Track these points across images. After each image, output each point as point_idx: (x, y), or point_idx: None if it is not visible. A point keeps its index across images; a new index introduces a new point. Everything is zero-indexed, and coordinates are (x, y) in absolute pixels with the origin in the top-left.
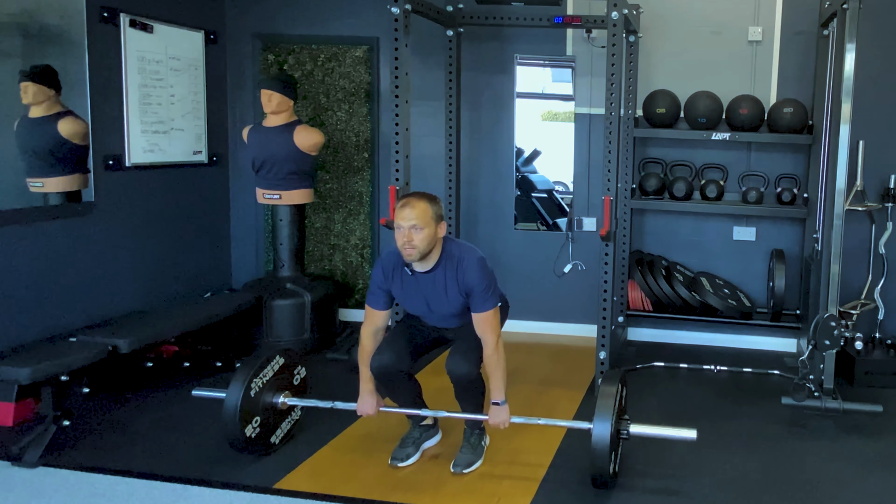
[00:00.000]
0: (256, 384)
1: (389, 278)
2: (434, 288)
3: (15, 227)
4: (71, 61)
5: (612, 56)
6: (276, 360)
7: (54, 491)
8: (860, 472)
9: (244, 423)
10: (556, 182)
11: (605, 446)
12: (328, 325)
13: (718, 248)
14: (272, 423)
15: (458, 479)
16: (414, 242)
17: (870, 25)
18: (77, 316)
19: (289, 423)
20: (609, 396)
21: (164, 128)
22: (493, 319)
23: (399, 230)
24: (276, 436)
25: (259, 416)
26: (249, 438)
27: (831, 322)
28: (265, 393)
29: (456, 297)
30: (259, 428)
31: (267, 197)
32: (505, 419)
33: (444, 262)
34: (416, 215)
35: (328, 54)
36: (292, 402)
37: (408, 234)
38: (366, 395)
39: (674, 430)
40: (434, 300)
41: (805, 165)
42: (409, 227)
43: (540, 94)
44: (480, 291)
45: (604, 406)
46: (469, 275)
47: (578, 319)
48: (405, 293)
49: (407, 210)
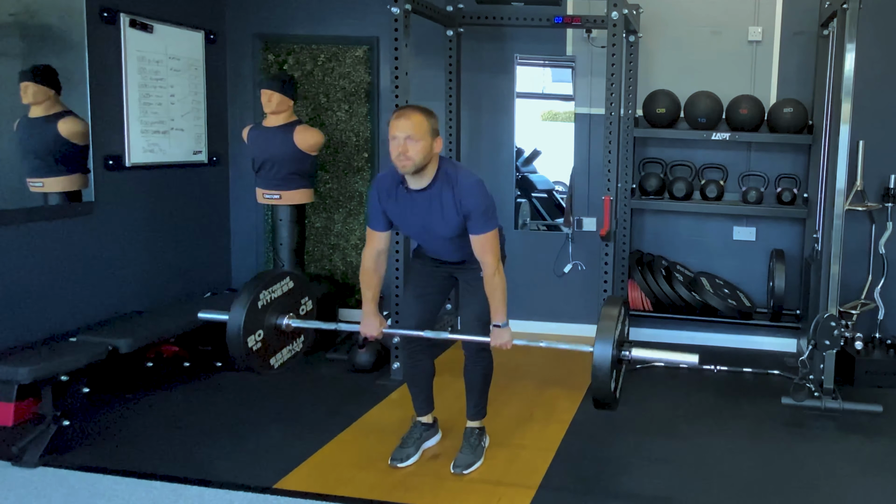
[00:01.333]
0: (265, 297)
1: (384, 198)
2: (430, 207)
3: (15, 227)
4: (71, 61)
5: (612, 56)
6: (286, 281)
7: (54, 491)
8: (860, 471)
9: (248, 332)
10: (556, 182)
11: (607, 368)
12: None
13: (718, 248)
14: (274, 344)
15: (458, 479)
16: (409, 154)
17: (870, 25)
18: (77, 316)
19: (290, 352)
20: (610, 319)
21: (164, 128)
22: (492, 241)
23: (394, 141)
24: (275, 359)
25: (262, 330)
26: (250, 350)
27: (831, 322)
28: (271, 310)
29: (452, 216)
30: (260, 343)
31: (267, 197)
32: (507, 340)
33: (441, 180)
34: (411, 126)
35: (328, 54)
36: (296, 324)
37: (403, 145)
38: (369, 317)
39: (675, 355)
40: (430, 220)
41: (805, 165)
42: (405, 138)
43: (540, 94)
44: (479, 213)
45: (605, 328)
46: (467, 195)
47: (578, 319)
48: (401, 213)
49: (402, 121)
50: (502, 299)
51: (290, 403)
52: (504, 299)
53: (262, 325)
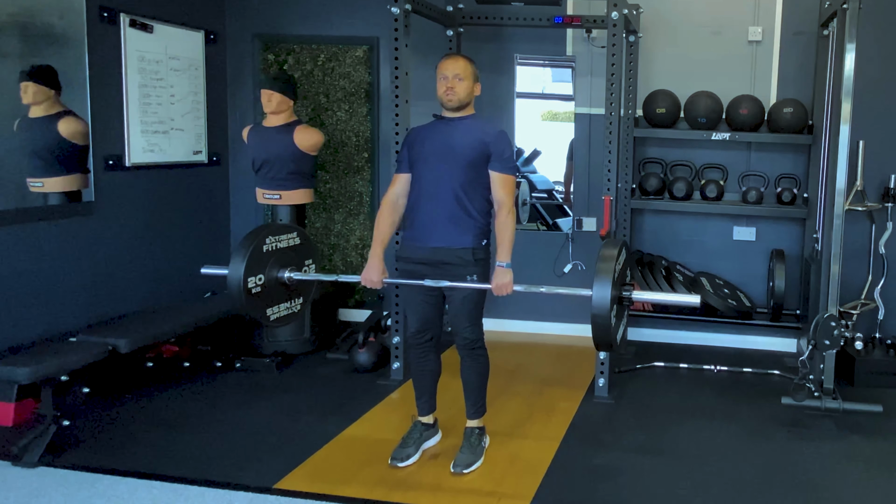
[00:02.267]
0: (271, 243)
1: (417, 134)
2: (458, 131)
3: (15, 227)
4: (71, 61)
5: (612, 56)
6: (293, 235)
7: (54, 491)
8: (860, 471)
9: (250, 271)
10: (555, 182)
11: (606, 308)
12: (328, 325)
13: (718, 248)
14: (273, 295)
15: (458, 479)
16: (456, 89)
17: (870, 25)
18: (77, 316)
19: (287, 309)
20: (609, 260)
21: (164, 128)
22: (509, 184)
23: (443, 79)
24: (273, 311)
25: (263, 276)
26: (249, 291)
27: (831, 322)
28: (275, 259)
29: (475, 146)
30: (260, 288)
31: (267, 197)
32: (508, 281)
33: (475, 118)
34: (459, 67)
35: (328, 54)
36: (298, 277)
37: (451, 82)
38: (373, 261)
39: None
40: (455, 142)
41: (805, 165)
42: (453, 76)
43: (540, 94)
44: (502, 156)
45: (603, 270)
46: (494, 138)
47: (578, 319)
48: (430, 136)
49: (450, 61)
50: (510, 240)
51: (290, 403)
52: (511, 240)
53: (263, 270)
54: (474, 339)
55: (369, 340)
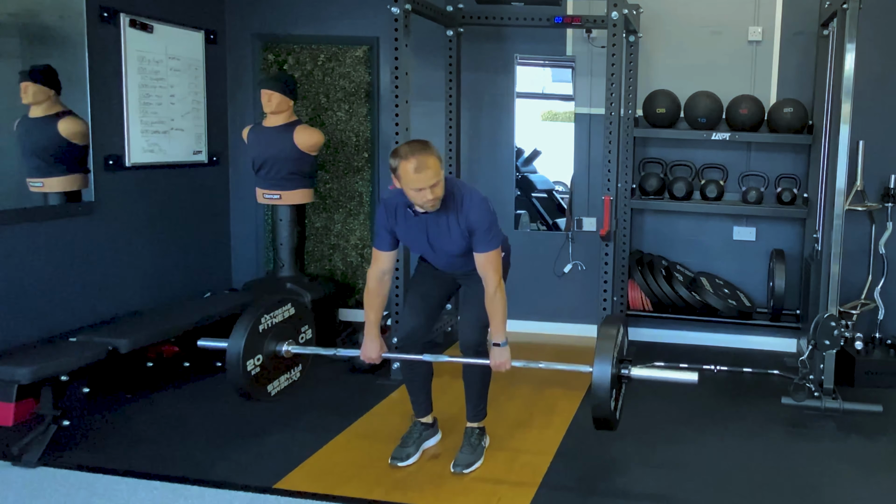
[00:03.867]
0: (266, 321)
1: (392, 219)
2: (437, 226)
3: (15, 227)
4: (71, 61)
5: (612, 56)
6: (287, 308)
7: (54, 491)
8: (860, 472)
9: (248, 355)
10: (556, 182)
11: (606, 387)
12: (328, 325)
13: (718, 248)
14: (272, 371)
15: (458, 479)
16: (437, 194)
17: (870, 25)
18: (77, 316)
19: (287, 380)
20: (609, 338)
21: (164, 128)
22: (494, 260)
23: (420, 192)
24: (273, 386)
25: (262, 355)
26: (249, 373)
27: (831, 322)
28: (272, 335)
29: (458, 236)
30: (259, 368)
31: (267, 197)
32: (506, 360)
33: (448, 201)
34: (433, 175)
35: (328, 54)
36: (295, 350)
37: (432, 192)
38: (370, 340)
39: (675, 374)
40: (437, 239)
41: (805, 165)
42: (430, 187)
43: (540, 94)
44: (483, 231)
45: (604, 348)
46: (472, 213)
47: (578, 319)
48: (409, 233)
49: (423, 174)
50: (502, 318)
51: (290, 403)
52: (504, 317)
53: (261, 349)
54: (482, 342)
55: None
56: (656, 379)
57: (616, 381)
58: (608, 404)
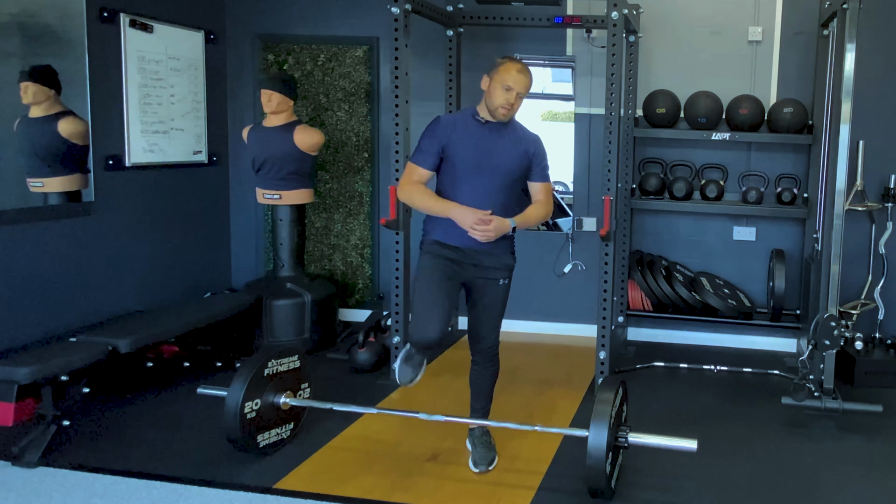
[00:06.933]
0: (273, 367)
1: (451, 129)
2: (500, 138)
3: (15, 227)
4: (71, 61)
5: (612, 56)
6: (294, 359)
7: (54, 491)
8: (860, 472)
9: (247, 397)
10: (556, 182)
11: (602, 456)
12: (328, 325)
13: (718, 248)
14: (266, 420)
15: (458, 479)
16: (515, 107)
17: (870, 25)
18: (77, 316)
19: (277, 435)
20: (606, 403)
21: (164, 128)
22: (551, 190)
23: (506, 90)
24: (263, 437)
25: (260, 400)
26: (245, 416)
27: (831, 322)
28: (273, 382)
29: (515, 155)
30: (255, 413)
31: (267, 197)
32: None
33: (515, 124)
34: (526, 85)
35: (328, 54)
36: (293, 402)
37: (514, 98)
38: (456, 207)
39: (674, 441)
40: (497, 149)
41: (805, 165)
42: (517, 94)
43: (540, 94)
44: (543, 164)
45: (600, 413)
46: (537, 144)
47: (578, 319)
48: (468, 139)
49: (523, 77)
50: (533, 220)
51: None
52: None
53: (261, 395)
54: (496, 346)
55: (369, 340)
56: (654, 445)
57: (612, 448)
58: (603, 472)
